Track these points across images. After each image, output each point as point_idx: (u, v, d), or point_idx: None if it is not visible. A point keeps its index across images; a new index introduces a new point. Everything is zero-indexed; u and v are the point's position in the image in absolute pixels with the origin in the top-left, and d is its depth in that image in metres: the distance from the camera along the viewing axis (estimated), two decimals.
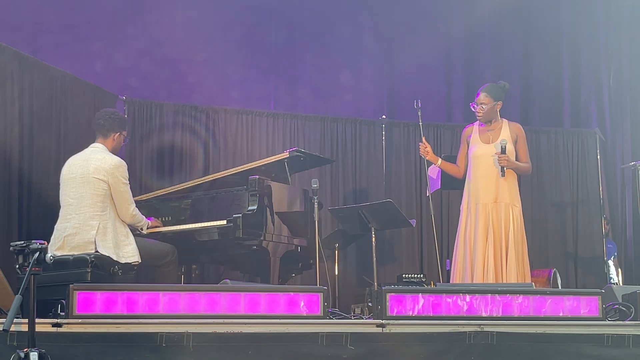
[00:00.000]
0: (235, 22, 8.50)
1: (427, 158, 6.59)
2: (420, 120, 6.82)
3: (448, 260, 8.51)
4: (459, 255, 6.27)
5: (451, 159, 6.90)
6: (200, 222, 6.13)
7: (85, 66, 7.55)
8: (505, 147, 6.16)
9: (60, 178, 5.53)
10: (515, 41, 9.40)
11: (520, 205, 6.30)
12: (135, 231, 5.67)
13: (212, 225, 6.04)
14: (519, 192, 6.34)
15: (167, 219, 6.34)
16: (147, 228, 5.84)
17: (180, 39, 8.18)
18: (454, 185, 7.04)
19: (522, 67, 9.32)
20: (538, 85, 9.29)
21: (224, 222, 5.95)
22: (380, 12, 9.09)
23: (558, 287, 7.17)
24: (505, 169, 6.16)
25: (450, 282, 6.37)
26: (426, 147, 6.54)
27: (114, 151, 5.67)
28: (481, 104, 6.32)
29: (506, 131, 6.31)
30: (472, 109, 6.39)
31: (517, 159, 6.28)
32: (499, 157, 6.15)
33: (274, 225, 6.07)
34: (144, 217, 5.76)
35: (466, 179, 6.43)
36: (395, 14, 9.09)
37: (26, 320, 3.81)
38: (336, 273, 7.20)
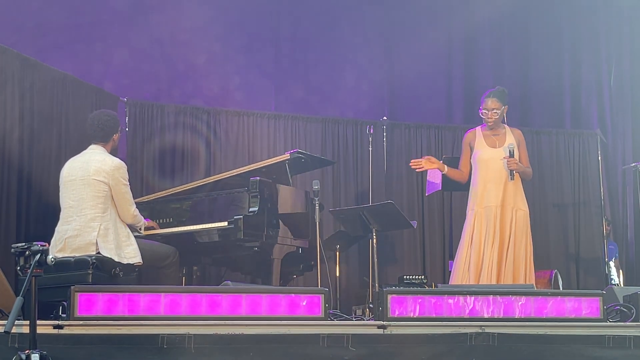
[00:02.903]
0: (236, 24, 8.50)
1: (435, 167, 6.46)
2: (370, 146, 7.39)
3: (451, 262, 8.52)
4: (461, 258, 6.25)
5: (453, 160, 6.92)
6: (202, 223, 6.14)
7: (86, 67, 7.55)
8: (513, 151, 6.20)
9: (60, 180, 5.52)
10: (515, 42, 9.39)
11: (526, 208, 6.31)
12: (135, 232, 5.67)
13: (214, 227, 6.05)
14: (524, 196, 6.34)
15: (168, 220, 6.35)
16: (145, 229, 5.85)
17: (181, 41, 8.18)
18: (456, 186, 7.04)
19: (522, 68, 9.31)
20: (538, 86, 9.28)
21: (225, 223, 5.96)
22: (380, 14, 9.09)
23: (559, 288, 7.17)
24: (514, 172, 6.17)
25: (449, 283, 6.35)
26: (430, 159, 6.45)
27: (114, 149, 5.67)
28: (493, 109, 6.31)
29: (511, 136, 6.35)
30: (482, 116, 6.36)
31: None
32: (508, 161, 6.17)
33: (275, 226, 6.07)
34: (143, 217, 5.77)
35: (471, 183, 6.41)
36: (395, 15, 9.08)
37: (27, 322, 3.82)
38: (337, 274, 7.21)
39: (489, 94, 6.41)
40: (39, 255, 3.70)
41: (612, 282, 8.48)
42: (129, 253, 5.36)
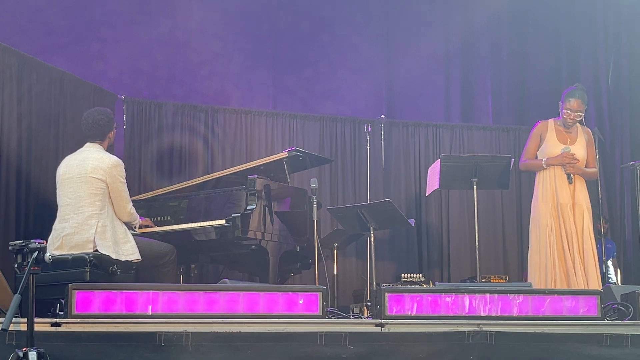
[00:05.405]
0: (234, 22, 8.50)
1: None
2: (368, 144, 7.62)
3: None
4: (543, 257, 6.06)
5: (452, 158, 6.91)
6: (200, 221, 6.14)
7: (85, 66, 7.55)
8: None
9: (57, 178, 5.52)
10: (513, 41, 9.39)
11: (591, 208, 6.21)
12: (130, 230, 5.66)
13: (211, 225, 6.05)
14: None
15: (166, 218, 6.35)
16: (139, 227, 5.85)
17: (180, 39, 8.19)
18: (455, 185, 7.03)
19: (520, 66, 9.31)
20: (536, 85, 9.28)
21: (223, 221, 5.96)
22: (378, 12, 9.09)
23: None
24: (572, 175, 6.10)
25: (527, 280, 6.15)
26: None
27: (110, 147, 5.67)
28: (578, 111, 6.18)
29: (582, 136, 6.24)
30: (565, 115, 6.17)
31: (586, 164, 6.21)
32: (566, 165, 6.08)
33: (272, 224, 6.08)
34: (138, 215, 5.77)
35: (540, 176, 6.27)
36: (393, 14, 9.09)
37: (25, 320, 3.81)
38: (335, 273, 7.21)
39: (575, 93, 6.22)
40: (36, 252, 3.70)
41: (610, 280, 8.49)
42: (127, 250, 5.35)
